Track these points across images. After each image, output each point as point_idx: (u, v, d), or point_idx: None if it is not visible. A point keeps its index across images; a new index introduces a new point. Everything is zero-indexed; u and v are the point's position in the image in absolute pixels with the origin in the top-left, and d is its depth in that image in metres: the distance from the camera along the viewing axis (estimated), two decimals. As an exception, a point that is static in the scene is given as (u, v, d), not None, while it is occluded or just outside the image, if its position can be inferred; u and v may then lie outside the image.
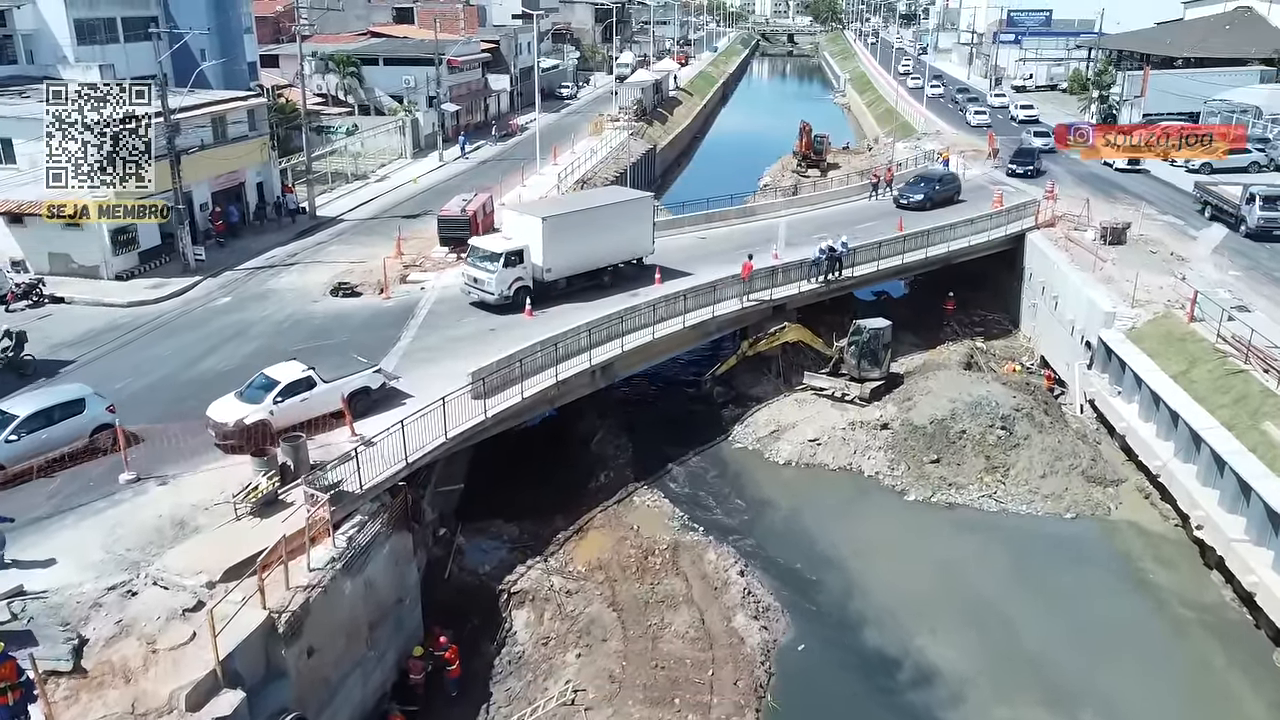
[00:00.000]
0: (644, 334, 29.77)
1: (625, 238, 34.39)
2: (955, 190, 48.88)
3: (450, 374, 25.77)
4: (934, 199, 47.16)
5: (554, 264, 32.24)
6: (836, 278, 36.20)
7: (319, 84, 68.31)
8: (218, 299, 34.27)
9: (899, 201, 47.24)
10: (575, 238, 32.53)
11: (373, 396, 24.26)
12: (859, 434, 30.42)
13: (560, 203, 35.67)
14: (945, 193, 48.13)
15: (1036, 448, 28.91)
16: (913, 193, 47.67)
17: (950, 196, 48.16)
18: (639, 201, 35.95)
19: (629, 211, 35.08)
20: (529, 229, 32.25)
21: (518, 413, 25.69)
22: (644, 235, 35.26)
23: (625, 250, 34.62)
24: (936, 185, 48.29)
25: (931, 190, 47.66)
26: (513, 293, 31.19)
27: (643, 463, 30.12)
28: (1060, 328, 36.71)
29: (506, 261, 31.15)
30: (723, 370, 33.16)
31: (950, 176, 50.39)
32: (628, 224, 34.49)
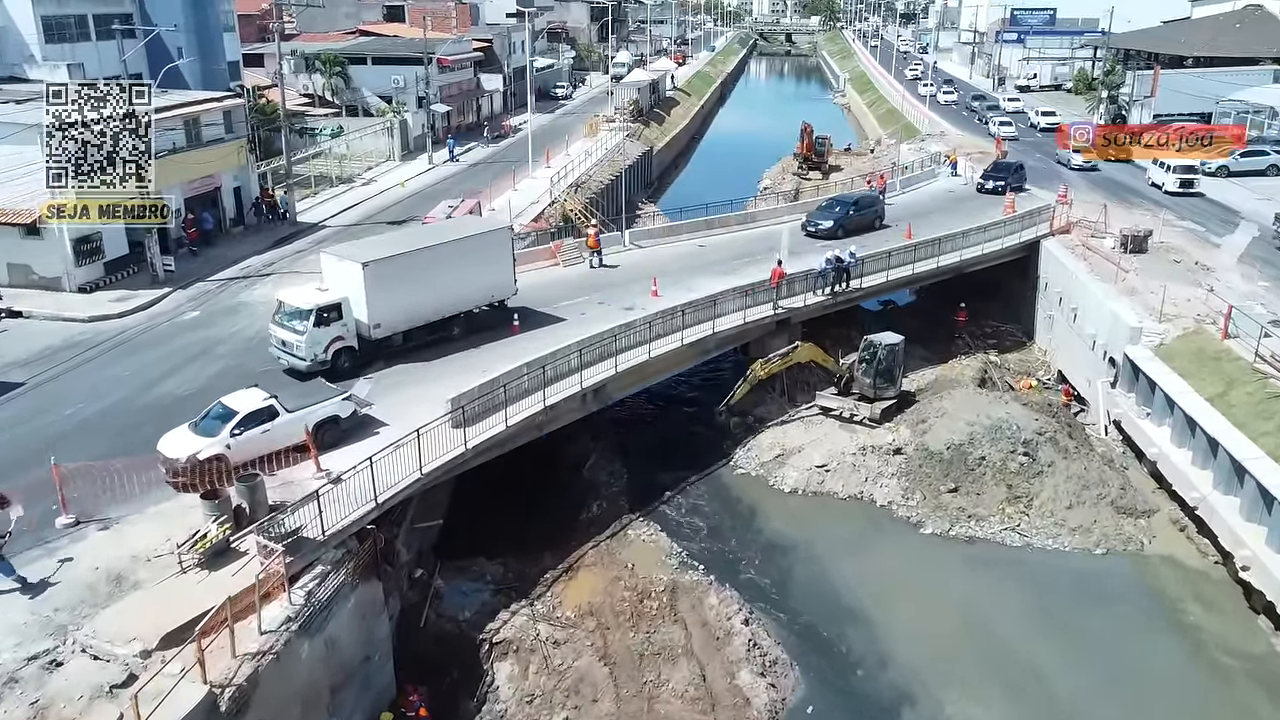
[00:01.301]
0: (639, 353, 27.72)
1: (479, 278, 28.63)
2: (876, 215, 42.69)
3: (430, 399, 23.72)
4: (847, 225, 40.75)
5: (384, 317, 26.39)
6: (844, 289, 34.18)
7: (305, 84, 66.33)
8: (186, 313, 32.18)
9: (806, 229, 40.99)
10: (411, 283, 26.68)
11: (342, 426, 22.19)
12: (870, 460, 28.38)
13: (390, 242, 29.26)
14: (862, 217, 41.85)
15: (1061, 475, 26.87)
16: (822, 218, 41.37)
17: (869, 222, 41.90)
18: (493, 235, 29.62)
19: (482, 247, 28.96)
20: (348, 277, 26.17)
21: (502, 441, 23.61)
22: (503, 273, 29.48)
23: (480, 293, 28.88)
24: (851, 209, 41.90)
25: (844, 215, 41.43)
26: (329, 356, 25.40)
27: (638, 490, 28.08)
28: (1080, 342, 34.70)
29: (319, 319, 25.16)
30: (737, 398, 30.42)
31: (869, 199, 43.85)
32: (481, 262, 28.75)
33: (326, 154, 55.43)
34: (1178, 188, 49.57)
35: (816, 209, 42.85)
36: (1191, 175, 49.86)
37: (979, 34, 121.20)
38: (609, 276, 35.30)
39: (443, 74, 68.52)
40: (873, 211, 42.88)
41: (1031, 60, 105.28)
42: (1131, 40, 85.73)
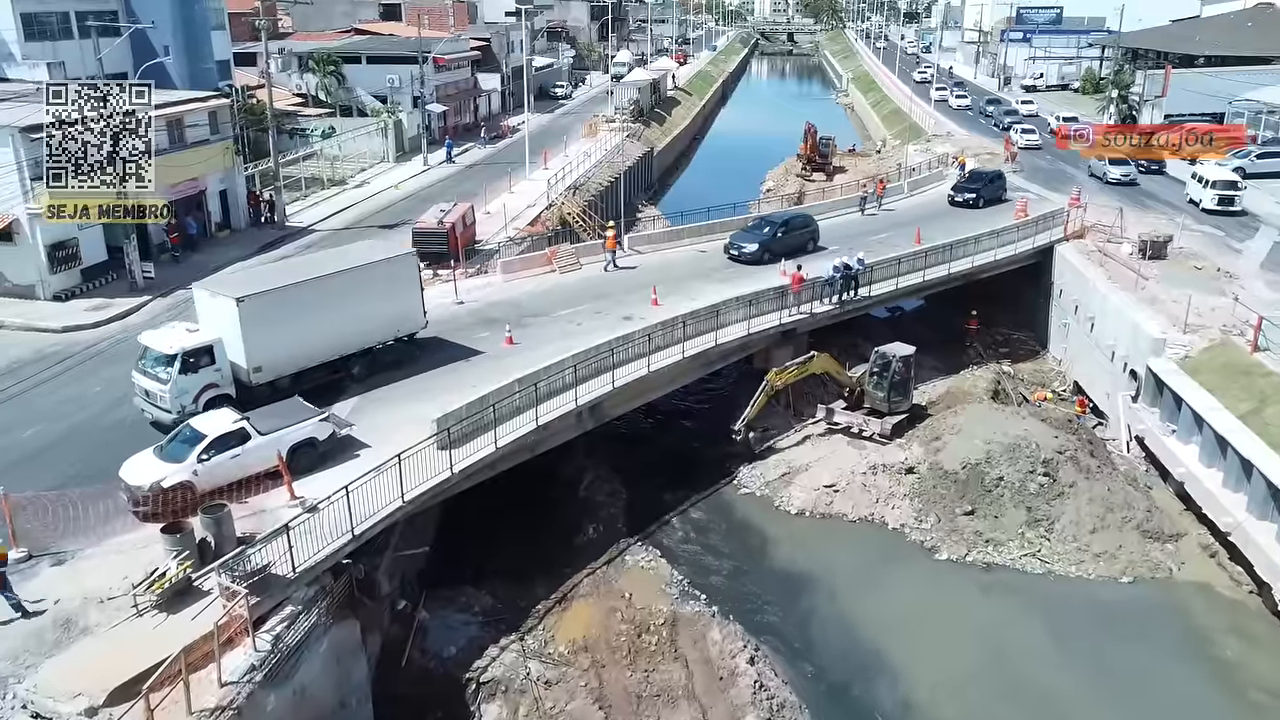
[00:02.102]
0: (638, 367, 26.26)
1: (381, 311, 25.37)
2: (809, 236, 38.13)
3: (415, 418, 22.33)
4: (774, 248, 36.24)
5: (266, 359, 23.06)
6: (852, 298, 32.74)
7: (298, 84, 64.89)
8: (164, 323, 30.62)
9: (729, 252, 36.73)
10: (298, 319, 23.41)
11: (320, 449, 20.76)
12: (881, 479, 26.93)
13: (274, 273, 26.35)
14: (792, 239, 37.27)
15: (1084, 497, 25.40)
16: (746, 240, 36.62)
17: (801, 244, 37.43)
18: (396, 262, 26.16)
19: (383, 276, 25.53)
20: (222, 314, 22.91)
21: (492, 463, 22.17)
22: (410, 305, 26.23)
23: (382, 327, 25.61)
24: (779, 230, 37.15)
25: (770, 237, 36.54)
26: (200, 407, 21.83)
27: (637, 512, 26.66)
28: (1097, 352, 33.26)
29: (185, 365, 21.79)
30: (754, 414, 28.72)
31: (802, 219, 39.14)
32: (383, 293, 25.38)
33: (318, 155, 53.96)
34: (1215, 205, 44.21)
35: (742, 229, 38.22)
36: (1232, 191, 44.53)
37: (984, 33, 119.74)
38: (607, 284, 33.87)
39: (439, 73, 67.06)
40: (806, 233, 38.15)
41: (1037, 60, 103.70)
42: (1141, 39, 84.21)
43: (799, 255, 35.88)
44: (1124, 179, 50.84)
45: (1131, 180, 50.98)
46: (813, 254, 36.68)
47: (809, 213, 40.96)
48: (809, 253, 36.85)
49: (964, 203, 45.43)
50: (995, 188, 46.94)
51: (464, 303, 31.89)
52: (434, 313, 30.83)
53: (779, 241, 36.66)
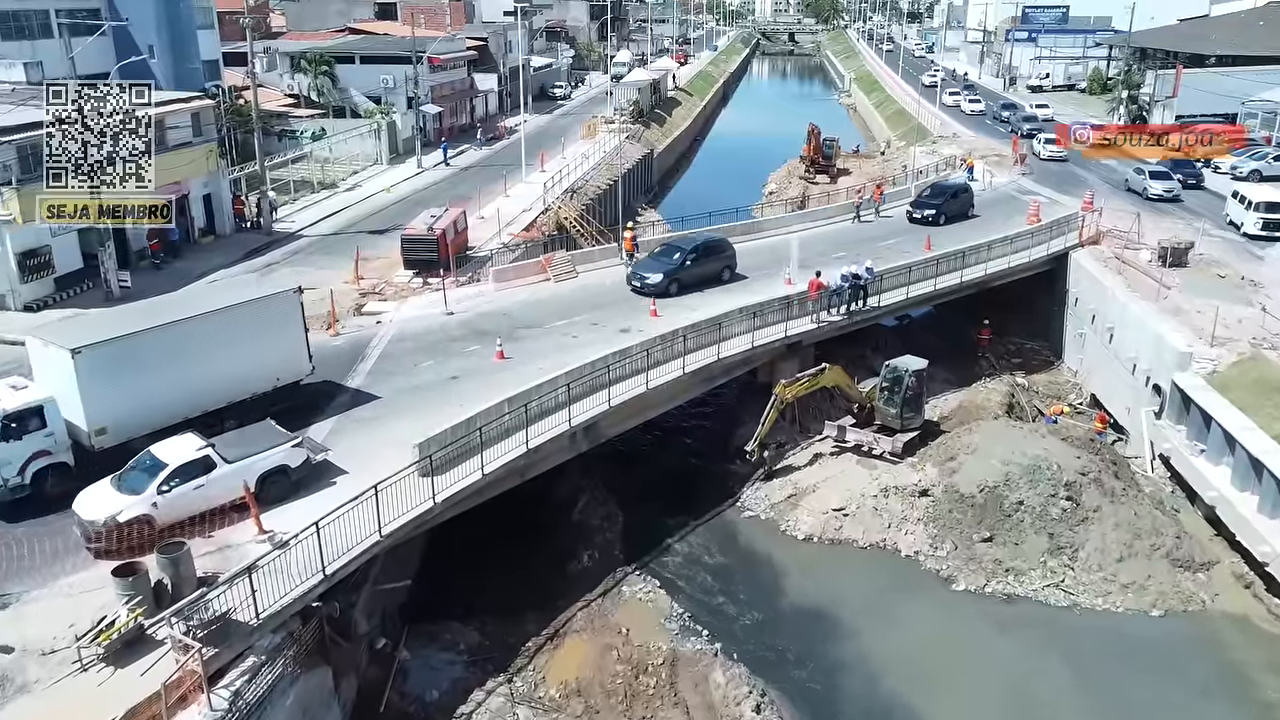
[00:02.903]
0: (635, 384, 24.80)
1: (254, 358, 21.90)
2: (724, 264, 33.70)
3: (398, 440, 20.91)
4: (681, 279, 32.11)
5: (112, 419, 19.63)
6: (860, 308, 31.27)
7: (290, 84, 63.44)
8: (138, 335, 29.19)
9: (630, 282, 32.48)
10: (151, 372, 20.09)
11: (293, 477, 19.30)
12: (893, 502, 25.43)
13: (121, 318, 22.04)
14: (706, 268, 32.99)
15: (1109, 523, 23.91)
16: (650, 270, 32.21)
17: (715, 273, 33.16)
18: (272, 302, 22.70)
19: (255, 318, 22.07)
20: (56, 368, 19.57)
21: (479, 490, 20.70)
22: (290, 349, 22.82)
23: (257, 377, 22.13)
24: (689, 259, 32.63)
25: (678, 267, 32.24)
26: (28, 480, 18.79)
27: (634, 537, 25.17)
28: (1117, 365, 31.77)
29: (6, 430, 18.50)
30: (766, 431, 27.04)
31: (717, 245, 34.37)
32: (256, 337, 21.94)
33: (309, 158, 52.49)
34: (1260, 229, 39.18)
35: (649, 255, 34.08)
36: None
37: (988, 33, 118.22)
38: (603, 294, 32.41)
39: (434, 73, 65.62)
40: (721, 259, 33.60)
41: (1043, 60, 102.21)
42: (1150, 38, 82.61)
43: (711, 286, 32.34)
44: (1167, 195, 45.79)
45: (1175, 196, 45.86)
46: (728, 284, 32.88)
47: (725, 238, 35.62)
48: (724, 282, 32.71)
49: (923, 220, 41.27)
50: (960, 202, 42.85)
51: (454, 313, 30.46)
52: (423, 324, 29.66)
53: (688, 271, 32.23)
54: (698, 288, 32.16)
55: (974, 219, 42.14)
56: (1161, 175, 46.81)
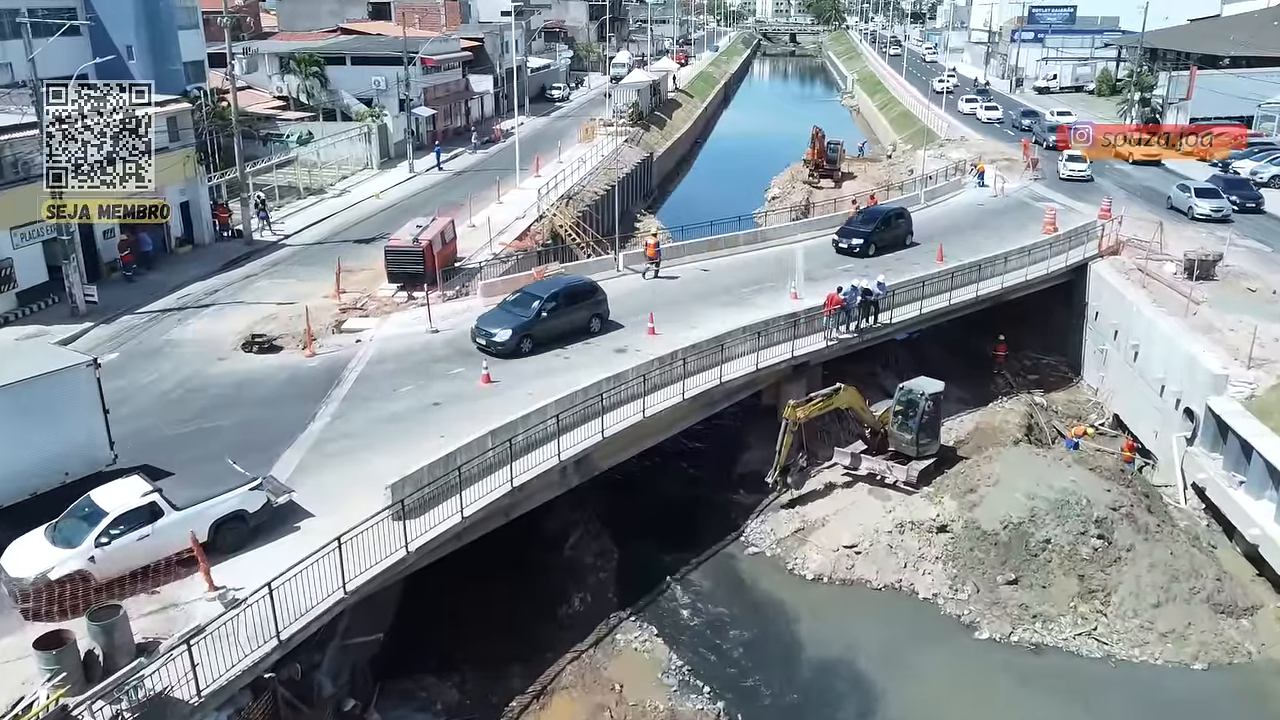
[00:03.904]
0: (631, 411, 22.96)
1: (35, 447, 18.00)
2: (594, 311, 28.30)
3: (372, 477, 19.19)
4: (536, 335, 26.63)
5: None
6: (871, 325, 29.44)
7: (279, 86, 61.58)
8: (101, 355, 27.27)
9: (475, 339, 26.80)
10: None
11: (251, 523, 17.47)
12: (910, 539, 23.59)
13: None
14: (568, 319, 27.57)
15: (1144, 563, 22.06)
16: (496, 325, 26.52)
17: (580, 323, 27.84)
18: (60, 379, 18.79)
19: (38, 398, 18.14)
20: None
21: (459, 534, 18.88)
22: (84, 434, 18.95)
23: (38, 470, 18.09)
24: (549, 308, 27.02)
25: (534, 318, 26.70)
26: None
27: (629, 577, 23.37)
28: (1143, 385, 29.96)
29: None
30: (783, 458, 25.22)
31: (585, 289, 28.90)
32: (37, 422, 18.03)
33: (295, 162, 50.62)
34: None
35: (499, 305, 28.16)
36: None
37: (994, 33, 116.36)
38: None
39: (428, 75, 63.83)
40: (588, 306, 28.15)
41: (1050, 60, 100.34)
42: (1161, 39, 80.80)
43: (576, 339, 27.42)
44: (1215, 215, 41.03)
45: (1225, 217, 41.11)
46: (600, 334, 28.03)
47: (592, 279, 30.43)
48: (593, 333, 27.96)
49: (848, 250, 36.30)
50: (895, 230, 37.69)
51: (439, 331, 28.62)
52: (405, 343, 27.85)
53: (545, 324, 26.87)
54: (559, 342, 27.00)
55: (911, 248, 37.22)
56: (1209, 193, 42.44)
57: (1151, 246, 36.69)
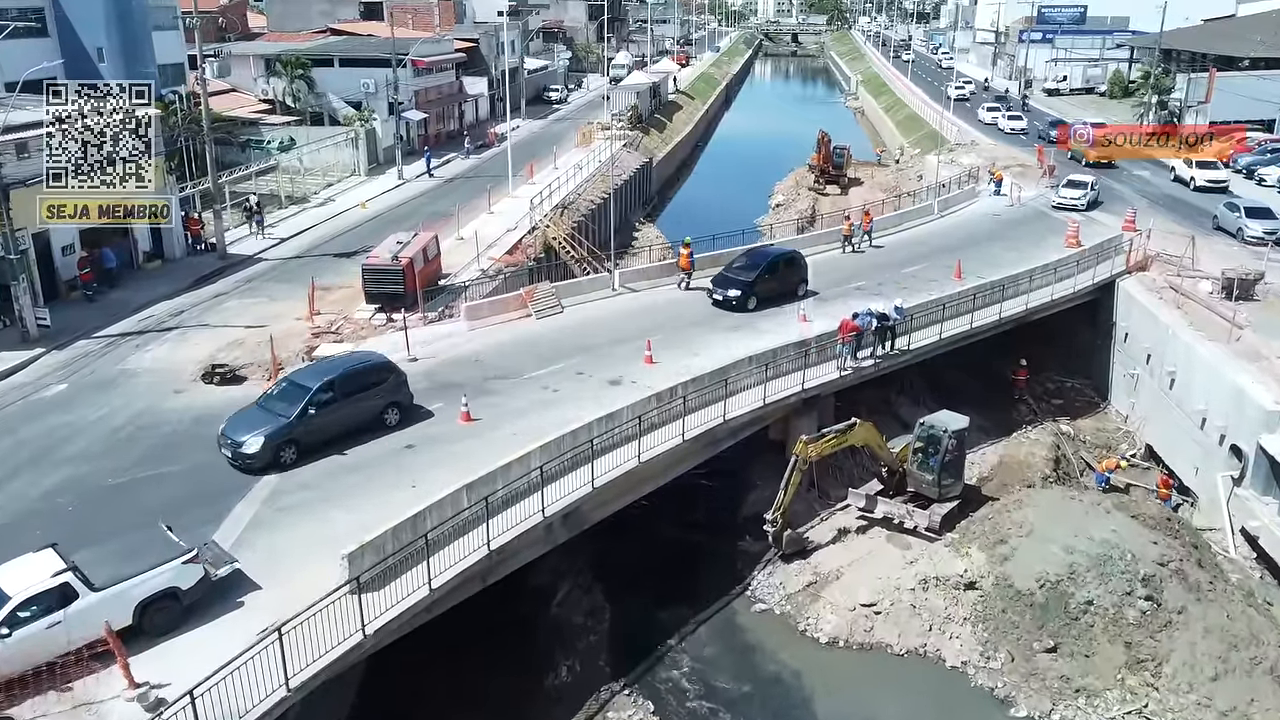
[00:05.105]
0: (625, 456, 20.67)
1: None
2: (390, 398, 21.99)
3: (331, 537, 17.02)
4: (299, 437, 20.23)
5: None
6: (888, 352, 27.15)
7: (264, 89, 59.34)
8: (50, 386, 25.14)
9: (223, 450, 20.42)
10: None
11: (185, 601, 15.17)
12: (934, 597, 21.29)
13: None
14: (347, 414, 21.13)
15: (1198, 628, 19.78)
16: (247, 429, 20.16)
17: (361, 419, 21.39)
18: None
19: None
20: None
21: (428, 607, 16.59)
22: None
23: None
24: (319, 399, 20.61)
25: (298, 419, 20.27)
26: None
27: (623, 639, 21.11)
28: (1180, 416, 27.70)
29: None
30: (788, 500, 22.96)
31: (372, 370, 22.22)
32: None
33: (278, 170, 48.32)
34: None
35: (256, 402, 21.51)
36: None
37: (1001, 33, 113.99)
38: (591, 334, 28.25)
39: (419, 77, 61.54)
40: (380, 392, 21.87)
41: (1060, 61, 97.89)
42: (1176, 39, 78.36)
43: (359, 439, 21.10)
44: (1270, 236, 36.31)
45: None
46: (396, 429, 21.81)
47: (385, 358, 23.42)
48: (389, 428, 21.73)
49: (725, 303, 30.14)
50: (783, 278, 31.32)
51: (417, 359, 26.25)
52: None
53: (315, 424, 20.41)
54: (340, 444, 20.80)
55: (805, 297, 31.29)
56: (1262, 213, 38.09)
57: (1183, 262, 34.37)
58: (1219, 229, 39.54)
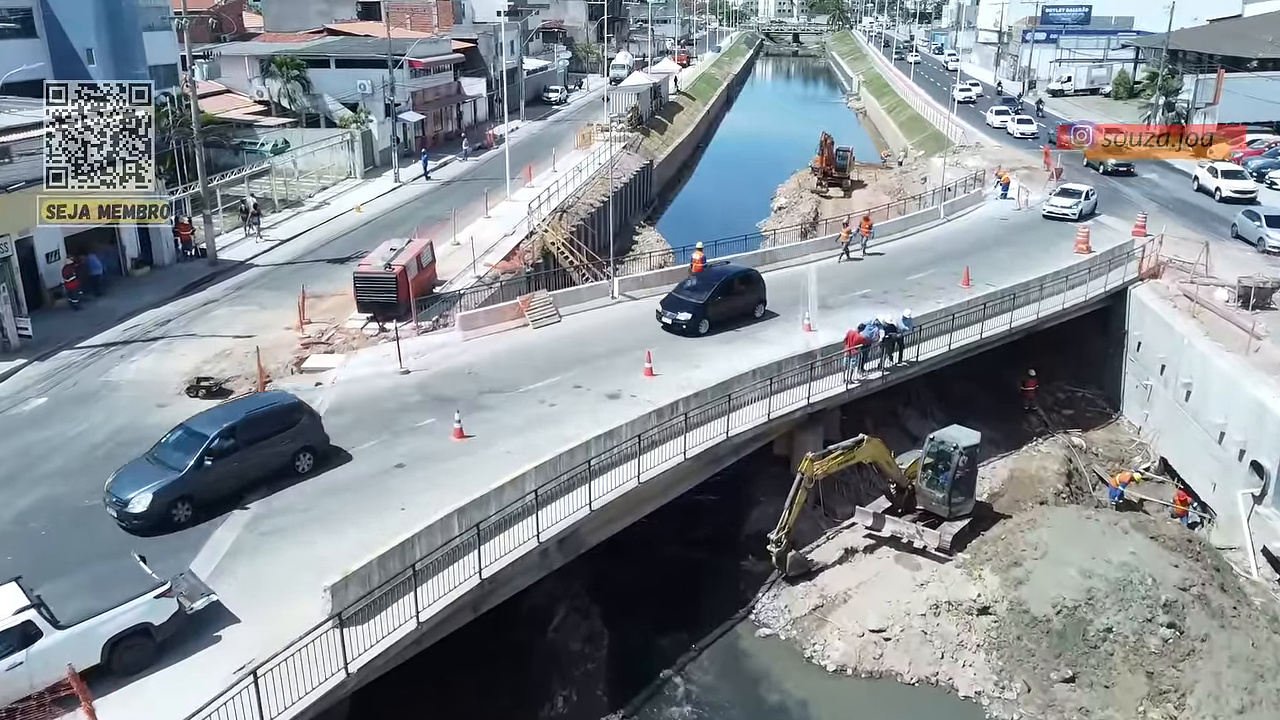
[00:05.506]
0: (624, 474, 19.85)
1: None
2: (301, 444, 19.85)
3: (316, 563, 16.28)
4: (197, 496, 18.11)
5: None
6: (896, 364, 26.30)
7: (259, 90, 58.50)
8: (30, 399, 24.32)
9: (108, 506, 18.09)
10: None
11: (158, 638, 14.34)
12: (946, 622, 20.44)
13: None
14: (257, 458, 19.12)
15: (1222, 657, 18.93)
16: (130, 487, 17.89)
17: (279, 459, 19.50)
18: None
19: None
20: None
21: (417, 640, 15.75)
22: None
23: None
24: (228, 439, 18.70)
25: (198, 463, 18.14)
26: None
27: (621, 666, 20.25)
28: (1197, 429, 26.85)
29: None
30: (793, 519, 22.09)
31: (283, 410, 20.09)
32: None
33: (272, 173, 47.45)
34: None
35: (139, 459, 19.00)
36: None
37: (1004, 33, 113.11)
38: (590, 344, 27.40)
39: (416, 78, 60.69)
40: (288, 437, 19.58)
41: (1064, 62, 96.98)
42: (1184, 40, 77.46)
43: (279, 484, 19.29)
44: None
45: None
46: (309, 476, 19.68)
47: (294, 399, 20.79)
48: (301, 474, 19.64)
49: (673, 327, 28.06)
50: (739, 299, 29.17)
51: (410, 372, 25.48)
52: (371, 387, 24.69)
53: (212, 475, 18.28)
54: (240, 498, 18.74)
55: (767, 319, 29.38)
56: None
57: (1196, 269, 33.54)
58: (1238, 237, 38.34)
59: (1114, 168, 50.70)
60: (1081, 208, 41.82)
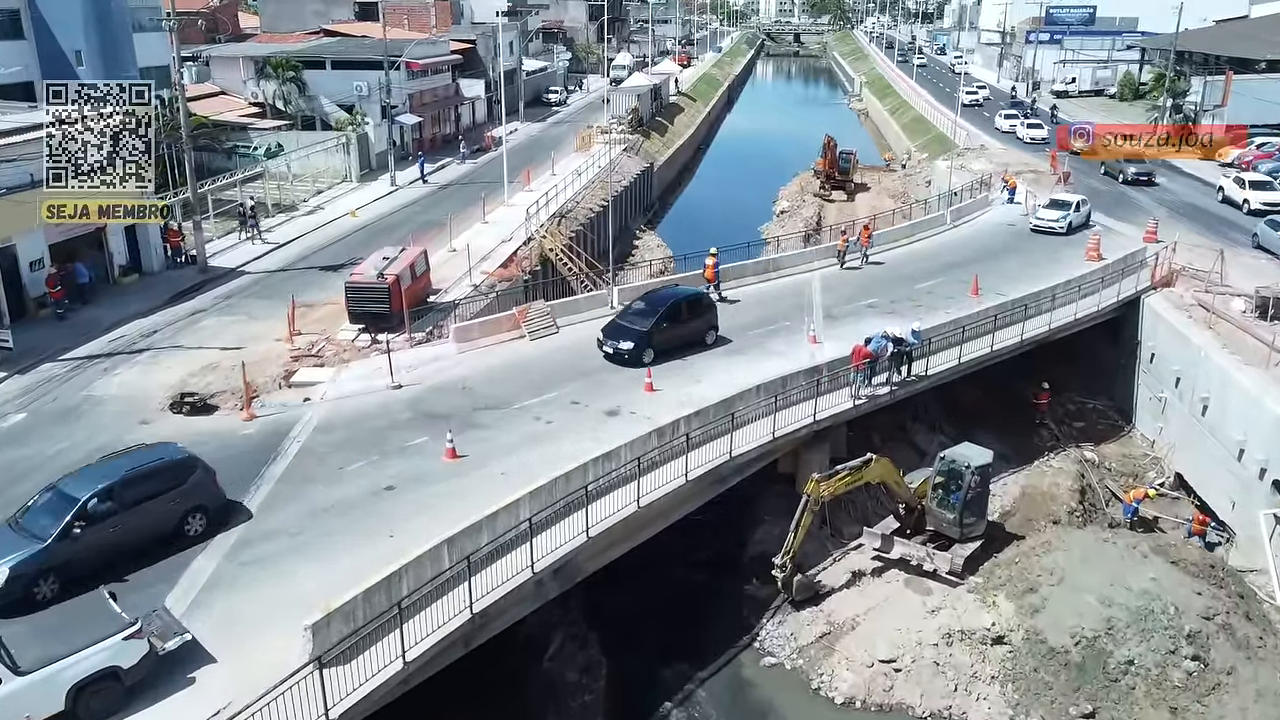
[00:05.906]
0: (623, 498, 19.00)
1: None
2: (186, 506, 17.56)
3: (298, 598, 15.47)
4: (61, 569, 15.69)
5: None
6: (904, 378, 25.46)
7: (254, 92, 57.65)
8: (8, 416, 23.47)
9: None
10: None
11: (128, 681, 13.50)
12: (959, 653, 19.60)
13: None
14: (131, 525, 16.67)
15: (1249, 691, 18.11)
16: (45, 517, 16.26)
17: (156, 532, 17.13)
18: None
19: None
20: None
21: (404, 679, 14.90)
22: None
23: None
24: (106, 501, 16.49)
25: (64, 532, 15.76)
26: None
27: (621, 698, 19.42)
28: (1214, 445, 26.01)
29: None
30: (798, 542, 21.26)
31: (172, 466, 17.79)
32: None
33: (265, 177, 46.60)
34: None
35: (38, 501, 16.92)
36: None
37: (1007, 34, 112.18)
38: (588, 357, 26.49)
39: (413, 79, 59.84)
40: (174, 497, 17.37)
41: (1068, 63, 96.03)
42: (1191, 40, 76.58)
43: (160, 553, 17.05)
44: None
45: None
46: (202, 538, 17.59)
47: (185, 454, 18.47)
48: (191, 538, 17.54)
49: (615, 357, 25.90)
50: (686, 325, 27.13)
51: (402, 386, 24.61)
52: (361, 403, 23.82)
53: (83, 543, 16.00)
54: (117, 568, 16.24)
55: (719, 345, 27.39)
56: None
57: (1210, 277, 32.65)
58: (1260, 247, 36.84)
59: (1134, 176, 48.78)
60: (1071, 220, 39.25)
